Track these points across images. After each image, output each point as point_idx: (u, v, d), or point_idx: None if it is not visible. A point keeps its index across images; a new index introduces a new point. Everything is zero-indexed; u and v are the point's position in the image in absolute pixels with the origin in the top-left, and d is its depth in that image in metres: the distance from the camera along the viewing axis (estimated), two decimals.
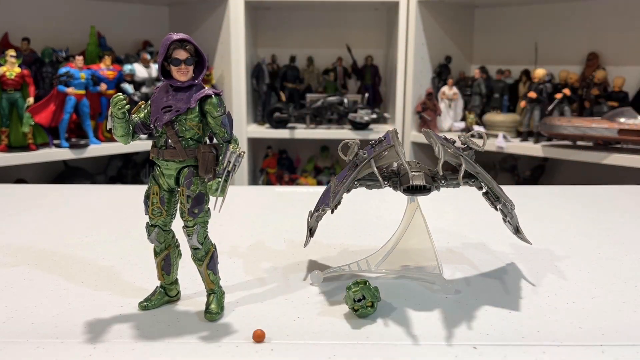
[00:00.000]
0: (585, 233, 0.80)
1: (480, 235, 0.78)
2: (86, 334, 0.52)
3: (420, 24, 2.54)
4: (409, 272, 0.64)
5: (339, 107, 2.59)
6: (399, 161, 0.56)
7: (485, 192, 0.60)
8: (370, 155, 0.56)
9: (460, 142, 0.59)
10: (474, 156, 0.57)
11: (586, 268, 0.66)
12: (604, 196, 1.02)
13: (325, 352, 0.47)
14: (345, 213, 0.85)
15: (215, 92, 0.55)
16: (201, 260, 0.56)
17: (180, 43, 0.53)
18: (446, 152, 0.55)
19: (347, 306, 0.55)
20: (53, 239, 0.80)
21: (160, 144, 0.55)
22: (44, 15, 2.46)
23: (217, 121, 0.54)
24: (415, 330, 0.51)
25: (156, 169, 0.56)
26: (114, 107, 0.54)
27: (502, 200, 0.58)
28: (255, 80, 2.71)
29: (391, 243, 0.65)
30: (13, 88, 2.02)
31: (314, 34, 2.93)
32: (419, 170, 0.56)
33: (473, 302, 0.57)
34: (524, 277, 0.64)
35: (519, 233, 0.63)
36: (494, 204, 0.60)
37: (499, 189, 0.57)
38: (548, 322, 0.52)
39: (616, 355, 0.46)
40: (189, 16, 2.78)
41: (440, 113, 2.64)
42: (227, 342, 0.50)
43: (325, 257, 0.72)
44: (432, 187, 0.56)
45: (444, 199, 0.98)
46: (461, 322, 0.53)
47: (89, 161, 2.44)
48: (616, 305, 0.56)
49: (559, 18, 2.57)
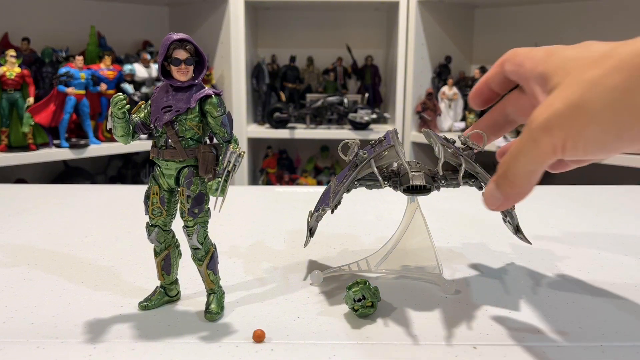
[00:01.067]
0: (585, 233, 0.80)
1: (480, 235, 0.78)
2: (86, 334, 0.52)
3: (420, 24, 2.54)
4: (409, 272, 0.64)
5: (339, 107, 2.59)
6: (398, 161, 0.56)
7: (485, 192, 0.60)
8: (370, 156, 0.56)
9: (460, 142, 0.59)
10: (474, 156, 0.57)
11: (586, 268, 0.66)
12: (604, 196, 1.02)
13: (325, 352, 0.47)
14: (345, 213, 0.85)
15: (215, 92, 0.55)
16: (201, 260, 0.56)
17: (180, 43, 0.53)
18: (446, 152, 0.55)
19: (347, 306, 0.55)
20: (53, 239, 0.80)
21: (160, 144, 0.55)
22: (44, 15, 2.47)
23: (217, 121, 0.54)
24: (415, 330, 0.51)
25: (156, 169, 0.56)
26: (114, 107, 0.54)
27: None
28: (255, 80, 2.71)
29: (391, 243, 0.65)
30: (13, 88, 2.03)
31: (314, 34, 2.93)
32: (419, 170, 0.56)
33: (473, 302, 0.57)
34: (524, 277, 0.64)
35: (519, 233, 0.63)
36: None
37: None
38: (548, 322, 0.52)
39: (616, 355, 0.46)
40: (189, 16, 2.78)
41: (440, 113, 2.64)
42: (227, 342, 0.50)
43: (325, 257, 0.72)
44: (432, 187, 0.56)
45: (444, 199, 0.98)
46: (461, 322, 0.53)
47: (89, 161, 2.44)
48: (616, 305, 0.56)
49: (559, 18, 2.57)
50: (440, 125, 2.56)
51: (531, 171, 0.41)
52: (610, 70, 0.36)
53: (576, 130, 0.38)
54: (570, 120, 0.38)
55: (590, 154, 0.38)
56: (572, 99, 0.38)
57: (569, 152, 0.39)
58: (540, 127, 0.39)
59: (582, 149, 0.38)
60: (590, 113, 0.37)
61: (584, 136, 0.38)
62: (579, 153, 0.39)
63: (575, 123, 0.38)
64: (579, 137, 0.38)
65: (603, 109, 0.36)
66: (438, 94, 2.58)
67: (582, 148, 0.38)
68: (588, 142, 0.38)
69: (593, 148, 0.38)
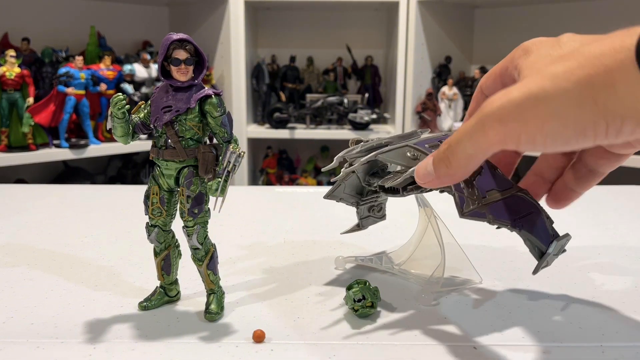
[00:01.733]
0: (585, 233, 0.80)
1: (480, 235, 0.78)
2: (86, 334, 0.52)
3: (420, 24, 2.54)
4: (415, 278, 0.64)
5: (339, 107, 2.59)
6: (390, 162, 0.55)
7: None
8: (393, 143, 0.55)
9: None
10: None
11: (586, 268, 0.66)
12: (604, 196, 1.02)
13: (325, 352, 0.47)
14: (344, 214, 0.85)
15: (215, 92, 0.55)
16: (201, 261, 0.56)
17: (180, 43, 0.53)
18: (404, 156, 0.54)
19: (347, 306, 0.55)
20: (53, 239, 0.80)
21: (160, 144, 0.55)
22: (44, 15, 2.46)
23: (217, 121, 0.54)
24: (415, 330, 0.51)
25: (156, 169, 0.56)
26: (114, 107, 0.54)
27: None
28: (255, 80, 2.71)
29: (410, 247, 0.66)
30: (13, 88, 2.02)
31: (314, 34, 2.93)
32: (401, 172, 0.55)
33: (473, 302, 0.57)
34: (524, 277, 0.64)
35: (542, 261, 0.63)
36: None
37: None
38: (548, 322, 0.52)
39: (616, 355, 0.46)
40: (189, 16, 2.77)
41: (440, 113, 2.64)
42: (227, 342, 0.50)
43: (325, 257, 0.72)
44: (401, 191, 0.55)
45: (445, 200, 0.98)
46: (461, 322, 0.53)
47: (89, 161, 2.44)
48: (616, 305, 0.56)
49: (559, 18, 2.57)
50: (440, 126, 2.56)
51: (471, 156, 0.40)
52: (575, 66, 0.35)
53: (534, 124, 0.36)
54: (528, 112, 0.36)
55: (550, 148, 0.37)
56: (532, 89, 0.36)
57: (524, 145, 0.37)
58: (492, 115, 0.37)
59: (541, 143, 0.37)
60: (550, 107, 0.35)
61: (543, 130, 0.36)
62: (537, 147, 0.37)
63: (533, 116, 0.36)
64: (538, 131, 0.36)
65: (564, 104, 0.35)
66: (438, 94, 2.58)
67: (542, 142, 0.36)
68: (548, 136, 0.36)
69: (553, 142, 0.36)
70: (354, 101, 2.58)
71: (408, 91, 2.56)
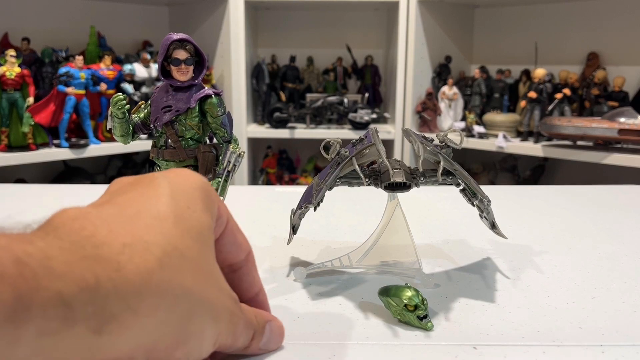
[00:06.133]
0: (585, 233, 0.80)
1: (480, 235, 0.78)
2: None
3: (420, 24, 2.54)
4: (389, 267, 0.64)
5: (339, 107, 2.59)
6: (379, 159, 0.56)
7: (462, 188, 0.61)
8: (352, 154, 0.57)
9: (438, 141, 0.60)
10: (451, 154, 0.58)
11: (586, 268, 0.66)
12: (604, 196, 1.02)
13: (325, 352, 0.47)
14: (344, 213, 0.85)
15: (216, 92, 0.56)
16: None
17: (180, 43, 0.53)
18: (425, 149, 0.55)
19: (391, 310, 0.52)
20: None
21: (160, 144, 0.55)
22: (44, 15, 2.47)
23: (217, 121, 0.54)
24: (415, 330, 0.51)
25: (156, 169, 0.56)
26: (114, 107, 0.54)
27: (478, 196, 0.58)
28: (255, 80, 2.71)
29: (372, 239, 0.66)
30: (13, 88, 2.02)
31: (314, 34, 2.93)
32: (399, 167, 0.56)
33: (472, 302, 0.57)
34: (524, 277, 0.64)
35: (495, 228, 0.64)
36: (471, 199, 0.61)
37: (476, 186, 0.58)
38: (548, 322, 0.52)
39: (616, 355, 0.46)
40: (189, 16, 2.78)
41: (440, 113, 2.64)
42: None
43: (325, 257, 0.72)
44: (412, 183, 0.56)
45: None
46: (461, 322, 0.53)
47: (89, 161, 2.44)
48: (616, 305, 0.56)
49: (559, 18, 2.57)
50: (440, 125, 2.56)
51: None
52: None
53: None
54: None
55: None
56: None
57: None
58: None
59: None
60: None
61: None
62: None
63: None
64: None
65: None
66: (438, 93, 2.58)
67: None
68: None
69: None
70: (354, 101, 2.58)
71: (408, 91, 2.56)
